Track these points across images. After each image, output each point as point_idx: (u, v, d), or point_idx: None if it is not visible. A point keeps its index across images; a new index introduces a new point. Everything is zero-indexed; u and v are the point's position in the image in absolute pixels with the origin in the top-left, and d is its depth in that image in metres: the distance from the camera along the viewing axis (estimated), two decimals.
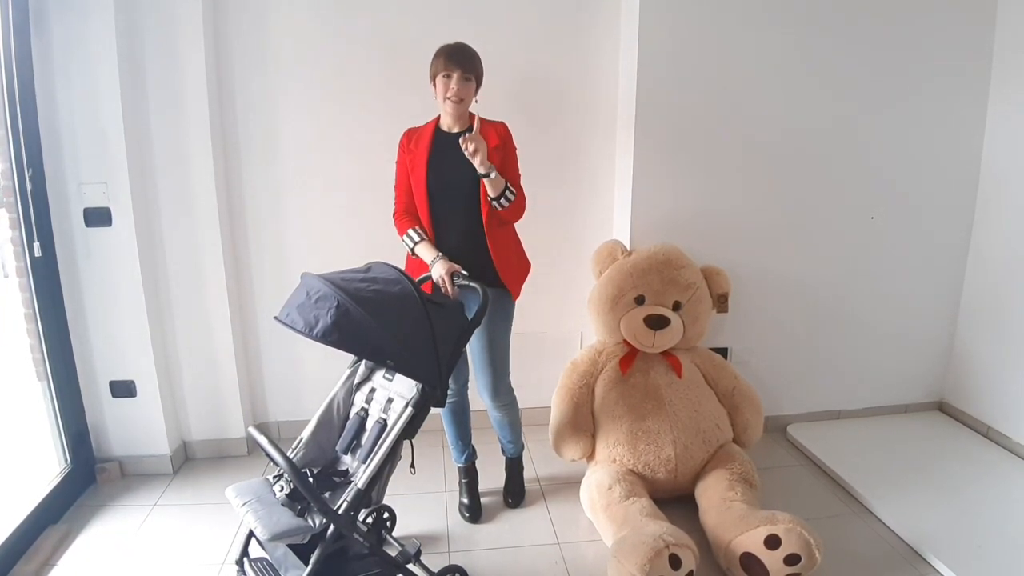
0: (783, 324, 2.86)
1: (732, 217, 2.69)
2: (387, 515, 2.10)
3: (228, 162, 2.58)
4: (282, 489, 1.63)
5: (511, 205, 2.00)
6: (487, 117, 2.04)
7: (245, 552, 1.79)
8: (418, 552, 1.82)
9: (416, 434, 1.70)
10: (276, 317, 1.58)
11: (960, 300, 2.95)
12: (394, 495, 2.00)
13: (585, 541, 2.17)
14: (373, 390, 1.87)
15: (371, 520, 1.96)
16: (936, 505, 2.29)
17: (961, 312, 2.95)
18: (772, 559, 1.80)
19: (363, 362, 1.92)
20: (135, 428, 2.53)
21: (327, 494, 1.68)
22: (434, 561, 1.95)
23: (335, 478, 1.78)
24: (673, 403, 2.29)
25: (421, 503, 2.35)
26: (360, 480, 1.62)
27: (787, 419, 2.94)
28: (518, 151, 2.11)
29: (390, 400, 1.81)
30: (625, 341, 2.39)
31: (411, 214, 2.10)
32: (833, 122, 2.68)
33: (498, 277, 2.08)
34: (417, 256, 2.05)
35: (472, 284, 1.91)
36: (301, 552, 1.68)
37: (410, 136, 2.10)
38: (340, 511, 1.58)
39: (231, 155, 2.58)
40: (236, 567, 1.79)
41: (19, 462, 2.47)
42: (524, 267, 2.23)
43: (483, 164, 1.89)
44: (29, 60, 2.20)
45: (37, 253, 2.24)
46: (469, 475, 2.36)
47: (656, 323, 2.30)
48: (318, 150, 2.60)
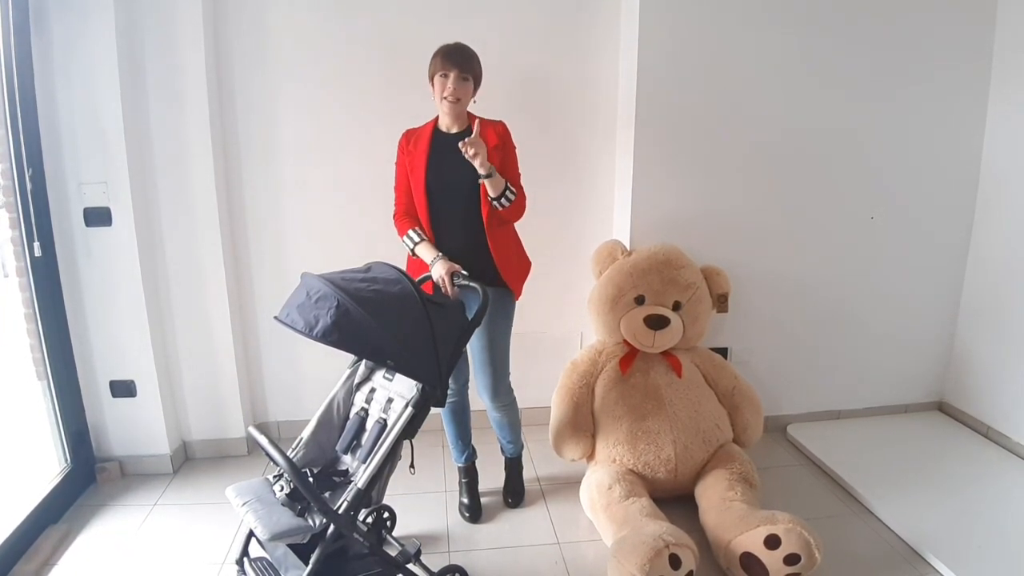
0: (783, 324, 2.86)
1: (732, 217, 2.69)
2: (387, 515, 2.10)
3: (228, 162, 2.58)
4: (282, 489, 1.63)
5: (512, 204, 2.00)
6: (486, 117, 2.04)
7: (245, 552, 1.79)
8: (418, 552, 1.82)
9: (416, 434, 1.71)
10: (276, 317, 1.58)
11: (960, 300, 2.95)
12: (394, 495, 2.00)
13: (585, 541, 2.17)
14: (373, 390, 1.87)
15: (371, 520, 1.96)
16: (936, 505, 2.30)
17: (961, 312, 2.95)
18: (772, 559, 1.80)
19: (363, 362, 1.92)
20: (135, 428, 2.54)
21: (327, 494, 1.68)
22: (434, 561, 1.95)
23: (335, 478, 1.78)
24: (673, 403, 2.29)
25: (421, 503, 2.35)
26: (360, 480, 1.62)
27: (787, 419, 2.94)
28: (518, 151, 2.11)
29: (390, 400, 1.81)
30: (625, 341, 2.40)
31: (411, 215, 2.10)
32: (833, 122, 2.68)
33: (499, 276, 2.08)
34: (418, 257, 2.06)
35: (472, 284, 1.91)
36: (301, 552, 1.68)
37: (409, 137, 2.10)
38: (340, 511, 1.59)
39: (231, 155, 2.58)
40: (236, 567, 1.79)
41: (19, 462, 2.46)
42: (525, 266, 2.23)
43: (483, 165, 1.89)
44: (29, 60, 2.20)
45: (37, 253, 2.24)
46: (469, 475, 2.36)
47: (656, 323, 2.31)
48: (318, 150, 2.60)
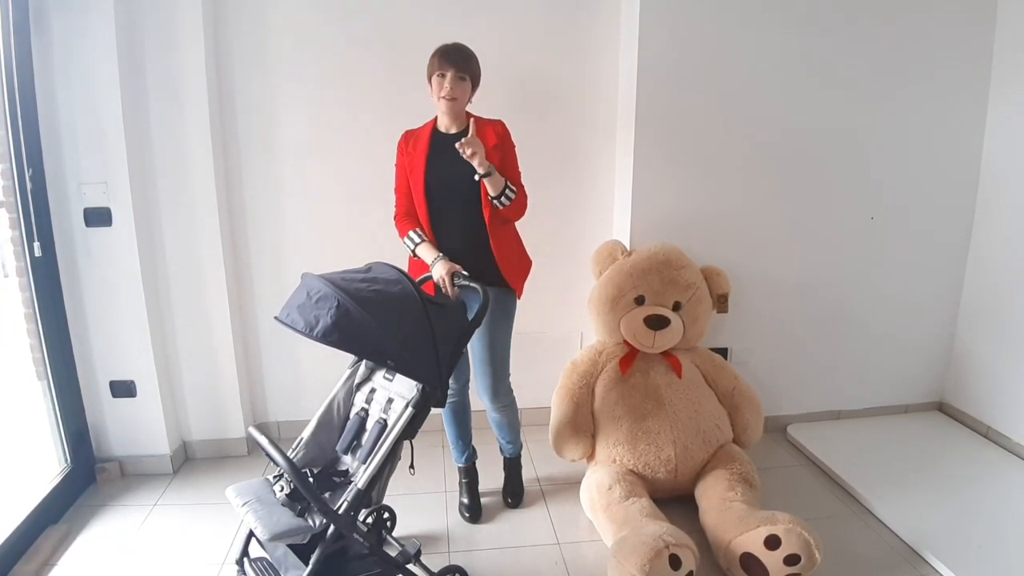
0: (783, 324, 2.86)
1: (732, 217, 2.69)
2: (387, 515, 2.10)
3: (228, 162, 2.58)
4: (282, 489, 1.63)
5: (512, 203, 2.00)
6: (486, 116, 2.03)
7: (245, 552, 1.79)
8: (418, 552, 1.82)
9: (416, 434, 1.71)
10: (276, 317, 1.58)
11: (960, 300, 2.95)
12: (394, 495, 2.00)
13: (585, 541, 2.17)
14: (373, 390, 1.87)
15: (371, 520, 1.96)
16: (936, 505, 2.30)
17: (961, 312, 2.95)
18: (772, 559, 1.81)
19: (363, 362, 1.92)
20: (135, 428, 2.53)
21: (327, 494, 1.68)
22: (434, 561, 1.95)
23: (335, 478, 1.78)
24: (673, 403, 2.29)
25: (421, 503, 2.35)
26: (360, 480, 1.62)
27: (787, 419, 2.94)
28: (518, 150, 2.10)
29: (390, 400, 1.81)
30: (625, 341, 2.40)
31: (411, 216, 2.10)
32: (833, 122, 2.68)
33: (501, 276, 2.08)
34: (419, 258, 2.06)
35: (472, 284, 1.90)
36: (301, 552, 1.68)
37: (408, 138, 2.10)
38: (340, 511, 1.58)
39: (231, 155, 2.58)
40: (236, 567, 1.79)
41: (19, 462, 2.46)
42: (526, 265, 2.23)
43: (482, 165, 1.89)
44: (29, 59, 2.20)
45: (37, 253, 2.24)
46: (469, 475, 2.36)
47: (656, 323, 2.31)
48: (318, 150, 2.60)
